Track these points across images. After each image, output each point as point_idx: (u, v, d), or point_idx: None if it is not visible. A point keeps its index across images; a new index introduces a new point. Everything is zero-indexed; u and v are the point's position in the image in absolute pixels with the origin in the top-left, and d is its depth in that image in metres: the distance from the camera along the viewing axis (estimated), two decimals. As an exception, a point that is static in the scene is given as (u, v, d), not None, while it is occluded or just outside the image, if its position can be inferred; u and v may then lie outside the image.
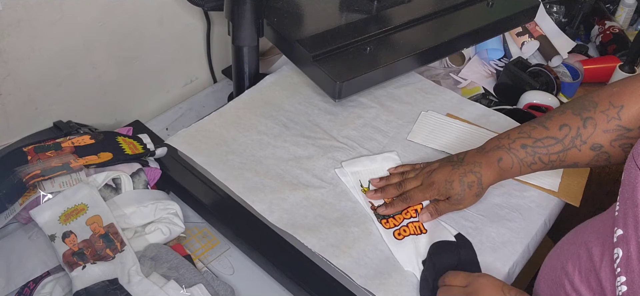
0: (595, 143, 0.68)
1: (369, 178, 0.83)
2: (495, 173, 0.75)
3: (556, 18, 1.33)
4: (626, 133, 0.66)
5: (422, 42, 0.91)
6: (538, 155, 0.72)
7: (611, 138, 0.67)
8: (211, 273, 0.77)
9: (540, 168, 0.73)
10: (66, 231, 0.72)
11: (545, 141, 0.71)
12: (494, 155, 0.74)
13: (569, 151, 0.70)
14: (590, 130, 0.68)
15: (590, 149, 0.69)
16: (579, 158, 0.70)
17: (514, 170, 0.74)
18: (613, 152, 0.68)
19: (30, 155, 0.77)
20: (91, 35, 0.92)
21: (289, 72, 1.02)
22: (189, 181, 0.86)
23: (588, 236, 0.62)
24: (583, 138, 0.69)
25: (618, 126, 0.67)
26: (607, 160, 0.69)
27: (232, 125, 0.91)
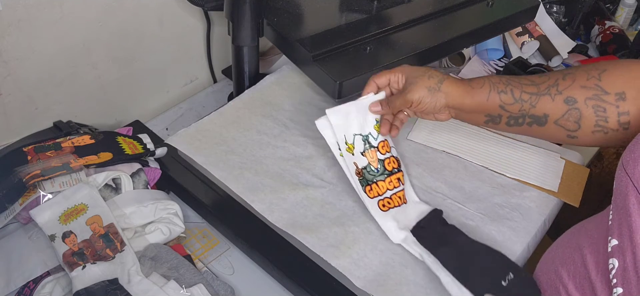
0: (570, 96, 0.68)
1: (353, 132, 0.78)
2: (463, 88, 0.73)
3: (556, 18, 1.33)
4: (602, 95, 0.66)
5: (422, 42, 0.91)
6: (511, 86, 0.71)
7: (587, 95, 0.67)
8: (211, 273, 0.77)
9: (509, 103, 0.71)
10: (66, 231, 0.72)
11: (522, 79, 0.71)
12: (469, 79, 0.75)
13: (542, 96, 0.69)
14: (568, 82, 0.68)
15: (564, 102, 0.68)
16: (550, 108, 0.69)
17: (483, 92, 0.72)
18: (585, 112, 0.67)
19: (30, 155, 0.77)
20: (91, 35, 0.92)
21: (289, 72, 1.02)
22: (189, 181, 0.86)
23: (582, 241, 0.62)
24: (559, 88, 0.68)
25: (596, 85, 0.66)
26: (577, 122, 0.68)
27: (232, 125, 0.91)
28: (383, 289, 0.69)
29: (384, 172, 0.78)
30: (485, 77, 0.73)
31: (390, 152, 0.80)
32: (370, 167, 0.77)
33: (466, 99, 0.73)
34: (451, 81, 0.74)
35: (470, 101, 0.73)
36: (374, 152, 0.78)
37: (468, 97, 0.73)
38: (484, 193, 0.84)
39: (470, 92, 0.73)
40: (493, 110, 0.73)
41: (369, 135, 0.79)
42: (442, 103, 0.74)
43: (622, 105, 0.65)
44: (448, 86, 0.73)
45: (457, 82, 0.74)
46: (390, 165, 0.79)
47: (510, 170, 0.87)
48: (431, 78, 0.73)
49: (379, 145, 0.79)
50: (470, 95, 0.73)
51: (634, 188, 0.53)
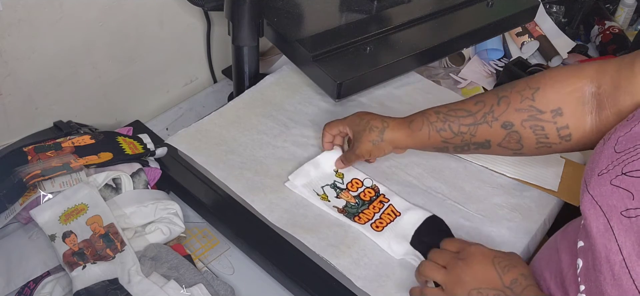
0: (507, 121, 0.69)
1: (321, 185, 0.82)
2: (404, 132, 0.77)
3: (556, 18, 1.33)
4: (538, 114, 0.67)
5: (422, 42, 0.91)
6: (448, 122, 0.73)
7: (522, 117, 0.68)
8: (211, 273, 0.77)
9: (450, 138, 0.73)
10: (66, 231, 0.72)
11: (458, 112, 0.73)
12: (409, 118, 0.77)
13: (479, 125, 0.71)
14: (503, 107, 0.69)
15: (501, 127, 0.69)
16: (490, 134, 0.71)
17: (423, 134, 0.75)
18: (524, 133, 0.68)
19: (31, 155, 0.77)
20: (91, 35, 0.92)
21: (289, 72, 1.02)
22: (189, 181, 0.86)
23: (560, 243, 0.63)
24: (495, 115, 0.69)
25: (530, 107, 0.67)
26: (519, 142, 0.69)
27: (232, 125, 0.91)
28: (383, 289, 0.69)
29: (363, 203, 0.80)
30: (422, 116, 0.76)
31: (363, 185, 0.83)
32: (350, 204, 0.80)
33: (409, 142, 0.77)
34: (392, 127, 0.77)
35: (413, 142, 0.77)
36: (346, 193, 0.81)
37: (410, 139, 0.77)
38: (483, 193, 0.84)
39: (412, 135, 0.76)
40: (437, 145, 0.76)
41: (334, 183, 0.83)
42: (390, 149, 0.79)
43: (559, 120, 0.66)
44: (390, 133, 0.77)
45: (398, 127, 0.77)
46: (367, 196, 0.81)
47: (510, 170, 0.87)
48: (372, 131, 0.78)
49: (348, 186, 0.83)
50: (411, 137, 0.77)
51: (588, 195, 0.55)
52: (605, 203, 0.52)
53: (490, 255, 0.64)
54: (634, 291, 0.47)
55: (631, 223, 0.49)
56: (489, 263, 0.62)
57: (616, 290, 0.49)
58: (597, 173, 0.55)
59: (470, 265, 0.62)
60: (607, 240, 0.51)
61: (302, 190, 0.80)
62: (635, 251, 0.48)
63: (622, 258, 0.49)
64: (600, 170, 0.55)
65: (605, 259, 0.51)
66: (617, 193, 0.52)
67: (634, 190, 0.50)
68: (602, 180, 0.54)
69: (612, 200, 0.52)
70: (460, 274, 0.62)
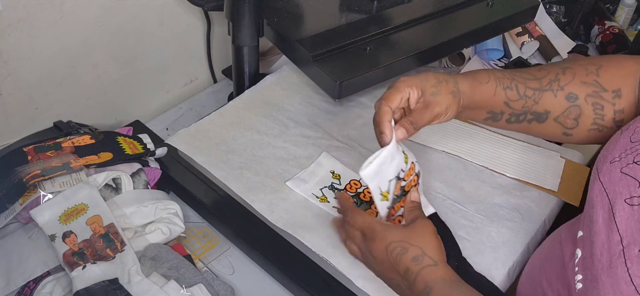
0: (572, 92, 0.68)
1: (319, 188, 0.81)
2: (471, 82, 0.70)
3: (556, 18, 1.33)
4: (601, 92, 0.66)
5: (422, 42, 0.91)
6: (515, 82, 0.70)
7: (587, 91, 0.67)
8: (211, 273, 0.77)
9: (514, 99, 0.70)
10: (66, 231, 0.72)
11: (524, 74, 0.71)
12: (472, 72, 0.72)
13: (544, 92, 0.69)
14: (569, 77, 0.68)
15: (566, 98, 0.68)
16: (552, 104, 0.69)
17: (489, 88, 0.70)
18: (585, 109, 0.67)
19: (31, 155, 0.77)
20: (91, 35, 0.92)
21: (289, 72, 1.02)
22: (189, 181, 0.86)
23: (565, 234, 0.63)
24: (561, 84, 0.68)
25: (595, 82, 0.66)
26: (576, 119, 0.68)
27: (232, 125, 0.91)
28: (383, 289, 0.69)
29: (361, 203, 0.79)
30: (489, 72, 0.71)
31: (362, 185, 0.81)
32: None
33: (475, 95, 0.70)
34: (462, 79, 0.70)
35: (479, 97, 0.71)
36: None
37: (477, 92, 0.70)
38: (484, 193, 0.84)
39: (478, 88, 0.71)
40: (497, 106, 0.71)
41: (332, 184, 0.82)
42: (459, 106, 0.70)
43: (618, 102, 0.66)
44: (462, 85, 0.70)
45: (467, 79, 0.71)
46: (367, 196, 0.80)
47: (510, 170, 0.87)
48: (448, 83, 0.69)
49: (347, 187, 0.82)
50: (478, 90, 0.71)
51: (598, 182, 0.54)
52: (612, 190, 0.52)
53: (385, 243, 0.62)
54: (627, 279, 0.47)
55: (633, 211, 0.49)
56: (384, 251, 0.62)
57: (610, 278, 0.48)
58: (609, 161, 0.55)
59: (374, 254, 0.63)
60: (610, 229, 0.51)
61: (302, 195, 0.80)
62: (635, 239, 0.48)
63: (621, 248, 0.49)
64: (613, 158, 0.55)
65: (606, 248, 0.50)
66: (625, 180, 0.51)
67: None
68: (613, 167, 0.54)
69: (619, 187, 0.52)
70: (370, 260, 0.65)
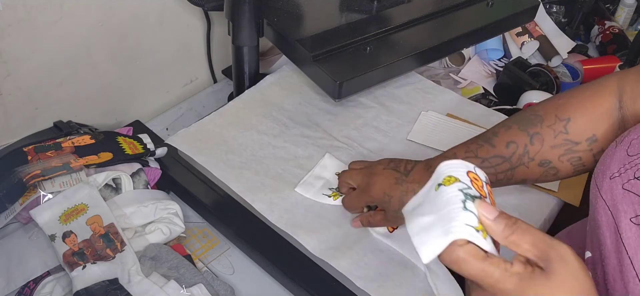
0: (544, 159, 0.66)
1: (328, 188, 0.81)
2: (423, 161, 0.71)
3: (556, 18, 1.33)
4: (574, 147, 0.64)
5: (422, 42, 0.91)
6: (484, 165, 0.68)
7: (559, 153, 0.65)
8: (211, 273, 0.77)
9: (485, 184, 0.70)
10: (66, 231, 0.72)
11: (492, 160, 0.68)
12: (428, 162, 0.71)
13: (516, 169, 0.67)
14: (538, 146, 0.66)
15: (539, 165, 0.66)
16: (527, 174, 0.68)
17: None
18: (561, 167, 0.66)
19: (31, 155, 0.77)
20: (91, 35, 0.92)
21: (289, 72, 1.02)
22: (189, 181, 0.86)
23: None
24: (531, 155, 0.66)
25: (565, 141, 0.64)
26: (556, 175, 0.67)
27: (232, 125, 0.91)
28: (383, 289, 0.69)
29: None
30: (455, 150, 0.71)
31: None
32: None
33: None
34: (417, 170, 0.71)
35: None
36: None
37: None
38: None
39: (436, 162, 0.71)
40: None
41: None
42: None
43: (595, 146, 0.64)
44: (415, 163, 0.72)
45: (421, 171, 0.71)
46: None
47: (510, 170, 0.87)
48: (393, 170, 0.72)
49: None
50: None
51: (602, 201, 0.53)
52: (616, 209, 0.51)
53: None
54: None
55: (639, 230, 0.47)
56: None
57: None
58: (609, 177, 0.53)
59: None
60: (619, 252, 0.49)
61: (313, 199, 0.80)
62: None
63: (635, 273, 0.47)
64: (612, 174, 0.53)
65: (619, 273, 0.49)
66: (628, 197, 0.50)
67: None
68: (614, 184, 0.52)
69: (622, 205, 0.50)
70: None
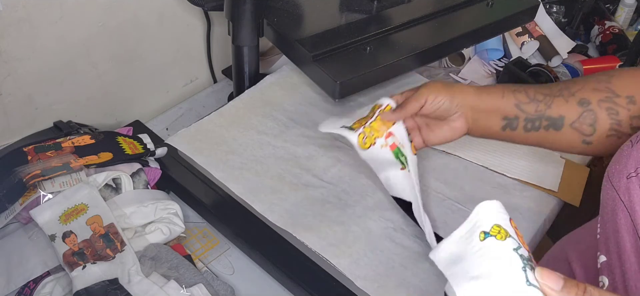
0: (583, 98, 0.67)
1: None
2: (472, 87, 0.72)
3: (556, 18, 1.33)
4: (614, 97, 0.65)
5: (422, 42, 0.91)
6: (523, 88, 0.70)
7: (599, 97, 0.66)
8: (211, 273, 0.77)
9: (525, 102, 0.69)
10: (66, 231, 0.72)
11: (533, 86, 0.70)
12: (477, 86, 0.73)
13: (555, 97, 0.68)
14: (580, 85, 0.68)
15: (578, 104, 0.67)
16: (565, 110, 0.68)
17: (496, 90, 0.70)
18: (599, 114, 0.66)
19: (31, 155, 0.77)
20: (91, 35, 0.92)
21: (289, 72, 1.02)
22: (189, 181, 0.86)
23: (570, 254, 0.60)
24: (571, 91, 0.68)
25: (607, 88, 0.66)
26: (592, 125, 0.67)
27: (232, 125, 0.91)
28: (383, 289, 0.69)
29: None
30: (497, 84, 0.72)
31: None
32: None
33: (482, 96, 0.71)
34: (462, 84, 0.72)
35: (486, 98, 0.71)
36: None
37: (483, 94, 0.71)
38: (484, 193, 0.84)
39: (484, 91, 0.71)
40: (510, 110, 0.70)
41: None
42: (458, 102, 0.71)
43: (632, 108, 0.65)
44: (460, 86, 0.72)
45: (468, 85, 0.73)
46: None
47: (510, 170, 0.87)
48: (443, 80, 0.72)
49: None
50: (484, 93, 0.71)
51: (620, 202, 0.52)
52: (634, 209, 0.50)
53: None
54: None
55: None
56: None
57: None
58: (626, 176, 0.53)
59: None
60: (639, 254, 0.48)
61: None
62: None
63: None
64: (629, 173, 0.53)
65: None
66: None
67: None
68: (631, 184, 0.52)
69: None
70: None
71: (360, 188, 0.83)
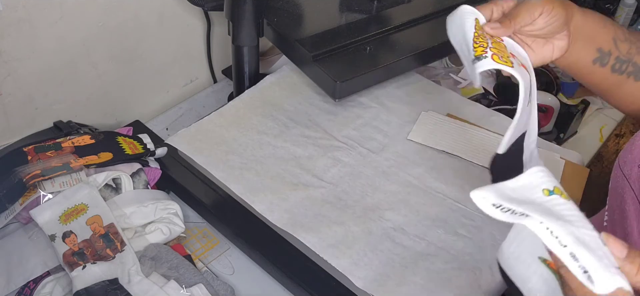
0: None
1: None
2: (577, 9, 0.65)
3: (556, 18, 1.33)
4: None
5: (422, 42, 0.91)
6: (619, 25, 0.66)
7: None
8: (211, 273, 0.77)
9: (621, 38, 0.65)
10: (66, 231, 0.72)
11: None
12: None
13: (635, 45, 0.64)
14: None
15: None
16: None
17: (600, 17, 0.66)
18: None
19: (31, 155, 0.77)
20: (91, 35, 0.92)
21: (289, 72, 1.02)
22: (189, 181, 0.86)
23: None
24: None
25: None
26: None
27: (232, 125, 0.91)
28: (383, 289, 0.69)
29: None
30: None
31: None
32: None
33: (587, 18, 0.65)
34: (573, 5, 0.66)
35: (591, 25, 0.65)
36: None
37: (589, 19, 0.65)
38: (484, 193, 0.84)
39: (590, 15, 0.66)
40: (606, 43, 0.65)
41: None
42: (567, 14, 0.63)
43: None
44: (572, 6, 0.64)
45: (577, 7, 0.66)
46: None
47: (510, 170, 0.87)
48: None
49: None
50: (590, 17, 0.65)
51: (630, 190, 0.52)
52: None
53: None
54: None
55: None
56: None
57: None
58: (637, 166, 0.52)
59: None
60: None
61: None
62: None
63: None
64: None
65: None
66: None
67: None
68: None
69: None
70: None
71: (360, 188, 0.83)
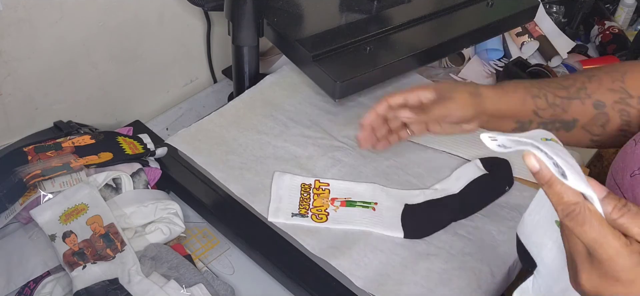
0: (599, 100, 0.66)
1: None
2: (498, 90, 0.70)
3: (556, 18, 1.33)
4: (627, 98, 0.65)
5: (422, 42, 0.91)
6: (543, 90, 0.69)
7: (614, 98, 0.66)
8: (211, 273, 0.77)
9: (542, 108, 0.69)
10: (66, 231, 0.72)
11: (551, 84, 0.70)
12: (498, 83, 0.72)
13: (573, 100, 0.68)
14: (596, 85, 0.67)
15: (593, 106, 0.67)
16: (580, 112, 0.67)
17: (518, 97, 0.70)
18: (612, 116, 0.66)
19: (31, 155, 0.77)
20: (91, 35, 0.92)
21: (289, 72, 1.02)
22: (189, 181, 0.86)
23: None
24: (588, 92, 0.67)
25: (621, 88, 0.65)
26: (603, 126, 0.67)
27: (232, 125, 0.91)
28: (383, 289, 0.69)
29: None
30: (516, 82, 0.71)
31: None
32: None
33: (502, 103, 0.70)
34: (486, 87, 0.72)
35: (505, 106, 0.71)
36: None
37: (504, 101, 0.70)
38: (484, 193, 0.84)
39: (505, 96, 0.70)
40: (525, 116, 0.70)
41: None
42: (480, 109, 0.70)
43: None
44: (485, 90, 0.71)
45: (492, 87, 0.72)
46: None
47: (510, 170, 0.87)
48: (467, 84, 0.71)
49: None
50: (505, 99, 0.70)
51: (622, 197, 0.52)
52: None
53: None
54: None
55: None
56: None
57: None
58: (629, 175, 0.53)
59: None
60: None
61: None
62: None
63: None
64: (632, 171, 0.53)
65: None
66: None
67: None
68: (635, 182, 0.52)
69: None
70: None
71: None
